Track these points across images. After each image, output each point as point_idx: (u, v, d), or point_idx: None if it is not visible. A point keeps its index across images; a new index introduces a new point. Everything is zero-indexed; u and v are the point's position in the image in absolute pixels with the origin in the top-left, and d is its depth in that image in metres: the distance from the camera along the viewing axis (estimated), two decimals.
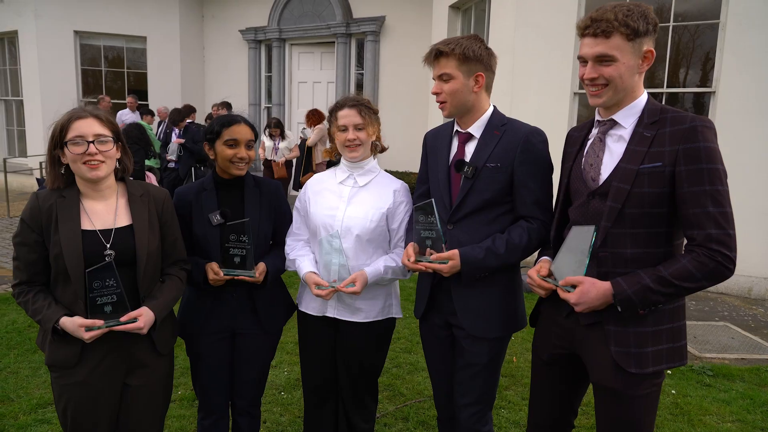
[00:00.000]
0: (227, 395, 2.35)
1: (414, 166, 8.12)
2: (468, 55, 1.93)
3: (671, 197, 1.61)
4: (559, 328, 1.86)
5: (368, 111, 2.21)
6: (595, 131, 1.80)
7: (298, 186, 8.56)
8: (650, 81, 5.82)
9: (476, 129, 2.04)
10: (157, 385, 2.03)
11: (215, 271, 2.11)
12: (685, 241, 1.65)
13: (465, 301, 2.04)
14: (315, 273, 2.18)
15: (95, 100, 9.59)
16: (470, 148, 2.04)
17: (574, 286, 1.67)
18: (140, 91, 11.05)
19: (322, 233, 2.19)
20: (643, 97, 1.70)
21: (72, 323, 1.75)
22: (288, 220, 2.38)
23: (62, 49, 10.53)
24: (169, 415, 3.08)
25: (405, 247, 2.14)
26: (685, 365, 2.13)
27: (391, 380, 3.61)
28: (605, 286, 1.63)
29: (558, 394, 1.96)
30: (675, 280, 1.57)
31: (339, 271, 2.14)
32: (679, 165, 1.58)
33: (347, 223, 2.17)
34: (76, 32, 10.65)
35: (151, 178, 7.68)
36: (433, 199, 1.94)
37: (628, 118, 1.70)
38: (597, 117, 1.80)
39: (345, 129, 2.19)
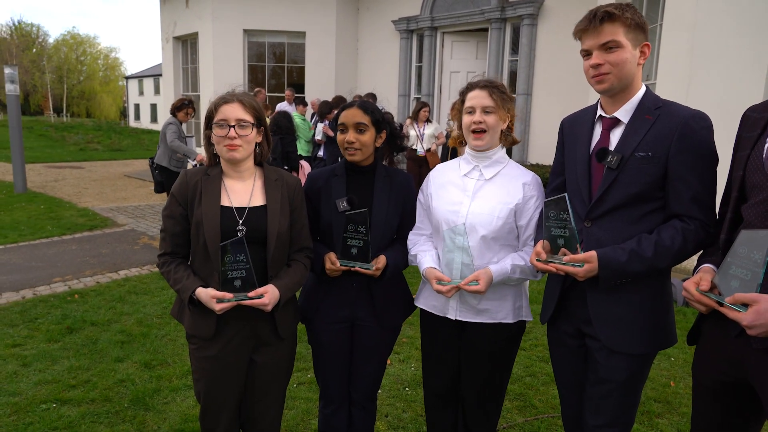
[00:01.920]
0: (346, 385, 2.40)
1: None
2: (637, 22, 1.72)
3: None
4: (726, 351, 1.58)
5: (501, 94, 2.07)
6: None
7: None
8: None
9: (624, 113, 1.81)
10: (279, 365, 2.16)
11: (332, 261, 2.14)
12: None
13: (602, 308, 1.83)
14: (436, 268, 2.11)
15: (253, 93, 10.54)
16: (616, 136, 1.82)
17: (745, 305, 1.40)
18: (298, 84, 11.91)
19: (444, 229, 2.11)
20: None
21: (206, 294, 1.90)
22: (415, 216, 2.34)
23: (233, 47, 11.76)
24: (297, 397, 3.26)
25: (535, 245, 1.98)
26: None
27: (523, 390, 3.43)
28: None
29: (725, 428, 1.67)
30: None
31: (462, 270, 2.04)
32: None
33: (471, 220, 2.06)
34: (245, 31, 11.80)
35: (305, 167, 8.24)
36: (566, 194, 1.76)
37: None
38: None
39: (472, 111, 2.08)
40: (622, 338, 1.82)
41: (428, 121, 8.34)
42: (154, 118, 44.65)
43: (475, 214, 2.07)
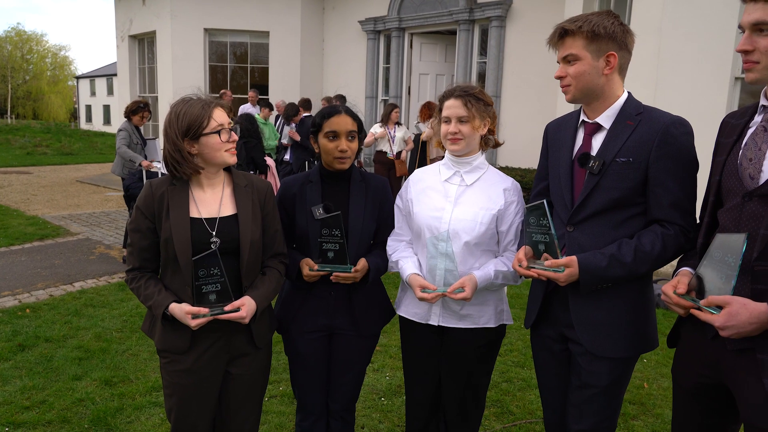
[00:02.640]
0: (324, 397, 2.39)
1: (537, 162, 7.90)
2: (598, 33, 1.77)
3: None
4: (704, 353, 1.65)
5: (477, 102, 2.10)
6: (758, 119, 1.56)
7: None
8: None
9: (606, 119, 1.87)
10: (255, 376, 2.14)
11: (310, 266, 2.13)
12: None
13: (584, 313, 1.88)
14: (419, 275, 2.13)
15: (218, 95, 10.40)
16: (598, 141, 1.88)
17: (720, 307, 1.46)
18: (262, 85, 11.81)
19: (426, 235, 2.14)
20: None
21: (180, 310, 1.87)
22: (391, 221, 2.35)
23: (193, 46, 11.59)
24: (269, 411, 3.22)
25: (516, 250, 2.02)
26: None
27: (500, 396, 3.47)
28: (760, 308, 1.40)
29: (704, 428, 1.74)
30: None
31: (445, 276, 2.07)
32: None
33: (454, 226, 2.09)
34: (205, 30, 11.65)
35: (272, 167, 8.16)
36: (545, 200, 1.81)
37: None
38: (762, 101, 1.55)
39: (448, 121, 2.12)
40: (604, 343, 1.86)
41: (398, 123, 8.38)
42: (107, 120, 43.47)
43: (458, 220, 2.10)
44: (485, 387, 2.35)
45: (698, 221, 1.81)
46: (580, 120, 1.95)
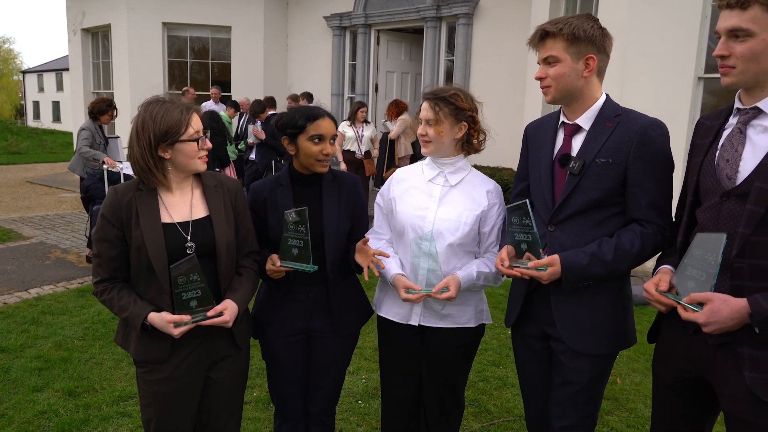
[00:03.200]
0: (304, 401, 2.39)
1: (507, 161, 8.05)
2: (578, 36, 1.83)
3: None
4: (684, 347, 1.73)
5: (447, 106, 2.12)
6: (733, 120, 1.64)
7: (381, 182, 8.61)
8: None
9: (585, 120, 1.93)
10: (236, 379, 2.13)
11: (273, 261, 2.09)
12: None
13: (566, 310, 1.94)
14: (404, 275, 2.16)
15: (180, 92, 10.21)
16: (578, 142, 1.94)
17: (701, 304, 1.53)
18: (224, 82, 11.64)
19: (410, 235, 2.16)
20: None
21: (161, 320, 1.84)
22: (365, 218, 2.37)
23: (151, 41, 11.33)
24: (244, 417, 3.19)
25: (498, 252, 2.07)
26: None
27: (477, 395, 3.53)
28: (740, 303, 1.48)
29: (685, 421, 1.82)
30: None
31: (428, 276, 2.10)
32: None
33: (438, 226, 2.13)
34: (164, 24, 11.41)
35: (228, 169, 8.07)
36: (527, 200, 1.86)
37: None
38: (737, 104, 1.63)
39: (420, 122, 2.18)
40: (585, 340, 1.93)
41: (366, 121, 8.37)
42: (56, 117, 42.06)
43: (442, 220, 2.14)
44: (463, 386, 2.40)
45: (673, 219, 1.90)
46: (560, 121, 2.01)
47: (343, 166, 8.10)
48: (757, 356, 1.53)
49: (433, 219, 2.15)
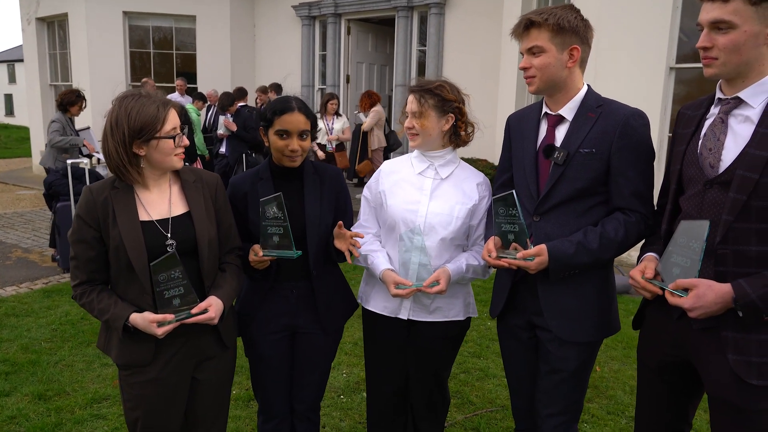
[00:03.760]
0: (289, 398, 2.39)
1: (482, 152, 8.13)
2: (563, 26, 1.87)
3: None
4: (669, 333, 1.79)
5: (433, 98, 2.13)
6: (715, 110, 1.71)
7: (353, 175, 8.59)
8: None
9: (568, 111, 1.97)
10: (223, 378, 2.12)
11: (255, 251, 2.08)
12: None
13: (553, 299, 1.99)
14: (393, 270, 2.17)
15: (139, 84, 9.99)
16: (561, 132, 1.98)
17: (686, 290, 1.59)
18: (189, 73, 11.43)
19: (402, 229, 2.17)
20: None
21: (143, 320, 1.81)
22: (350, 212, 2.38)
23: (111, 31, 11.04)
24: None
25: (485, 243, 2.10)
26: None
27: (459, 387, 3.59)
28: (724, 288, 1.55)
29: (669, 405, 1.89)
30: None
31: (419, 270, 2.12)
32: None
33: (431, 220, 2.15)
34: (125, 13, 11.13)
35: (196, 164, 7.96)
36: (514, 191, 1.90)
37: (759, 95, 1.59)
38: (718, 94, 1.69)
39: (407, 115, 2.19)
40: (572, 328, 1.98)
41: (337, 114, 8.32)
42: (9, 111, 40.65)
43: (434, 214, 2.16)
44: (447, 378, 2.44)
45: (655, 208, 1.96)
46: (543, 112, 2.05)
47: (320, 155, 8.05)
48: (740, 339, 1.60)
49: (426, 213, 2.16)
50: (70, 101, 6.07)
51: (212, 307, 1.88)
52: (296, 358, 2.36)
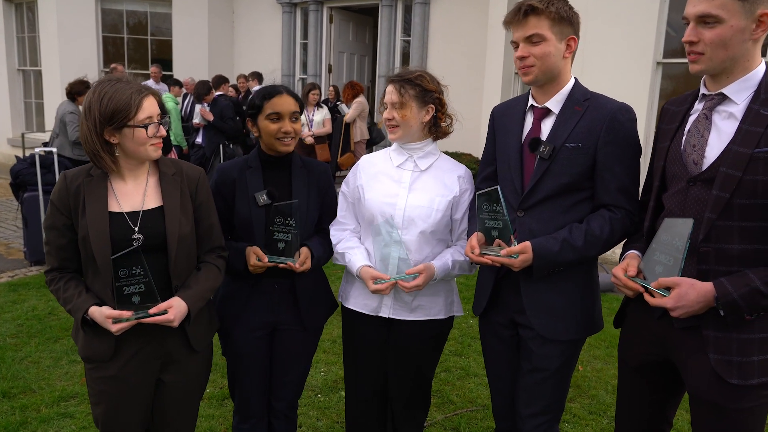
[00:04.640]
0: (266, 398, 2.38)
1: (466, 146, 8.15)
2: (562, 15, 1.86)
3: None
4: (650, 331, 1.81)
5: (413, 88, 2.12)
6: (699, 106, 1.72)
7: (336, 168, 8.55)
8: None
9: (555, 104, 1.97)
10: (192, 383, 2.08)
11: (259, 256, 2.09)
12: None
13: (536, 297, 1.99)
14: (370, 266, 2.16)
15: (108, 70, 9.86)
16: (547, 126, 1.98)
17: (668, 288, 1.61)
18: (164, 60, 11.27)
19: (379, 221, 2.16)
20: (761, 68, 1.61)
21: (100, 313, 1.79)
22: (335, 207, 2.37)
23: (83, 14, 10.83)
24: (198, 415, 3.15)
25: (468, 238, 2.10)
26: None
27: (439, 386, 3.60)
28: (706, 287, 1.57)
29: (650, 404, 1.91)
30: None
31: (399, 265, 2.11)
32: None
33: (410, 213, 2.14)
34: None
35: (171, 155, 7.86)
36: (498, 186, 1.90)
37: (743, 91, 1.60)
38: (702, 90, 1.71)
39: (386, 106, 2.17)
40: (555, 326, 1.99)
41: (318, 105, 8.28)
42: None
43: (413, 206, 2.14)
44: (430, 379, 2.43)
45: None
46: (529, 104, 2.05)
47: (309, 140, 8.02)
48: (721, 338, 1.62)
49: (404, 206, 2.15)
50: (78, 91, 6.27)
51: (173, 308, 1.83)
52: (276, 356, 2.35)
